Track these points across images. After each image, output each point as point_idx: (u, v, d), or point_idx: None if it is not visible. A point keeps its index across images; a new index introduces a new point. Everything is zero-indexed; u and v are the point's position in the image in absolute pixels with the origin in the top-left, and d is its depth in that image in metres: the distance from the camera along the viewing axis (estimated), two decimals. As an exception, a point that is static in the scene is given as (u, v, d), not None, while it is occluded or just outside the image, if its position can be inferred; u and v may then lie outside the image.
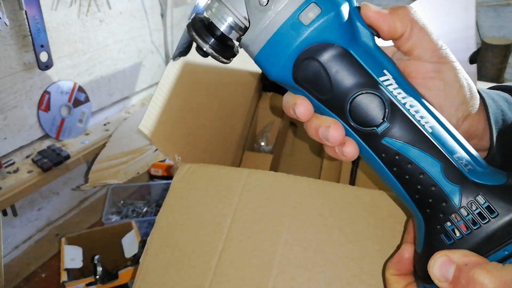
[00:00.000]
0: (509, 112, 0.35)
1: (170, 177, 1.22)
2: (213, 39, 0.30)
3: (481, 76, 1.57)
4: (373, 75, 0.28)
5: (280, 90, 0.81)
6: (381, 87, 0.28)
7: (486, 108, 0.33)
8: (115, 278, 0.83)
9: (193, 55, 0.54)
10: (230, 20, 0.29)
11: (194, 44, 0.33)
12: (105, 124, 1.16)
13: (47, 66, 0.93)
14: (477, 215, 0.26)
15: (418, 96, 0.29)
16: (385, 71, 0.28)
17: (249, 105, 0.75)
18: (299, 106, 0.30)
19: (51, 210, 1.07)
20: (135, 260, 0.87)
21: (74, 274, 0.86)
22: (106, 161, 0.94)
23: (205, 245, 0.42)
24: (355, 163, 0.61)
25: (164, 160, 1.13)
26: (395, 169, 0.28)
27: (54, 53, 0.96)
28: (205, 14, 0.31)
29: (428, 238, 0.28)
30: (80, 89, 1.06)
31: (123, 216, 1.11)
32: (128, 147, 0.96)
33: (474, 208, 0.26)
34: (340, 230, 0.40)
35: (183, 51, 0.52)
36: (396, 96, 0.28)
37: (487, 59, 1.69)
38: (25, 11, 0.85)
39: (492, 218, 0.26)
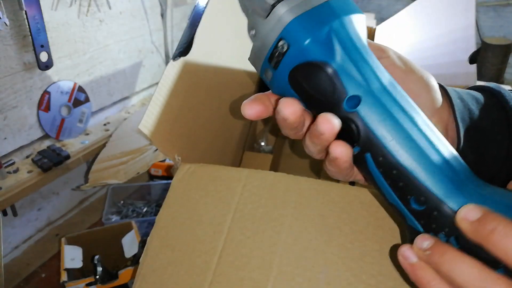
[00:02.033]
0: (477, 112, 0.35)
1: (170, 177, 1.22)
2: None
3: (481, 76, 1.57)
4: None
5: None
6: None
7: (453, 106, 0.34)
8: (115, 278, 0.83)
9: (193, 55, 0.54)
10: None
11: (195, 44, 0.34)
12: (105, 124, 1.16)
13: (47, 66, 0.93)
14: None
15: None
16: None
17: None
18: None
19: (51, 210, 1.07)
20: (135, 260, 0.87)
21: (74, 274, 0.86)
22: (106, 161, 0.94)
23: (205, 245, 0.42)
24: None
25: (164, 160, 1.13)
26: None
27: (54, 53, 0.96)
28: None
29: None
30: (80, 89, 1.06)
31: (123, 216, 1.11)
32: (128, 147, 0.96)
33: None
34: (340, 230, 0.40)
35: (183, 51, 0.52)
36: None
37: (487, 59, 1.70)
38: (25, 11, 0.85)
39: None
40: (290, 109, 0.29)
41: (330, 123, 0.28)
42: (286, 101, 0.29)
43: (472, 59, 0.67)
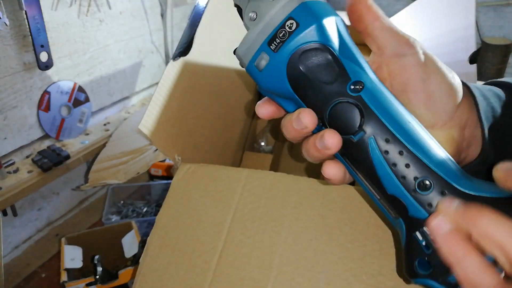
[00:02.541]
0: (499, 109, 0.35)
1: (170, 177, 1.22)
2: None
3: (481, 76, 1.57)
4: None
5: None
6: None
7: (477, 105, 0.33)
8: (115, 278, 0.83)
9: (193, 55, 0.54)
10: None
11: (195, 44, 0.34)
12: (105, 124, 1.16)
13: (47, 66, 0.93)
14: None
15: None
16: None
17: (249, 105, 0.75)
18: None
19: (51, 210, 1.07)
20: (135, 260, 0.87)
21: (74, 274, 0.86)
22: (106, 161, 0.94)
23: (205, 245, 0.42)
24: None
25: (164, 160, 1.13)
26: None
27: (54, 53, 0.96)
28: None
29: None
30: (80, 89, 1.06)
31: (123, 216, 1.11)
32: (128, 147, 0.96)
33: None
34: (340, 230, 0.40)
35: (183, 51, 0.52)
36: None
37: (487, 59, 1.70)
38: (25, 11, 0.85)
39: None
40: (311, 118, 0.30)
41: (337, 137, 0.29)
42: (306, 111, 0.30)
43: (472, 59, 0.67)
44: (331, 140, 0.29)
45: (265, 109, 0.34)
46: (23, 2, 0.84)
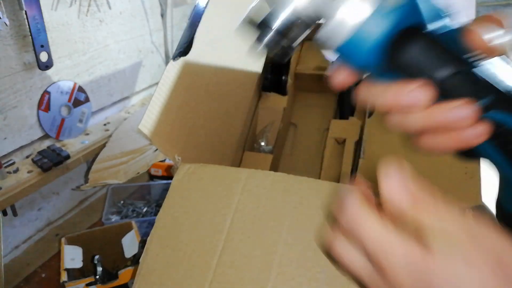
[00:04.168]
0: None
1: (170, 177, 1.22)
2: None
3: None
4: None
5: (280, 90, 0.81)
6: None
7: None
8: (115, 278, 0.83)
9: (193, 55, 0.54)
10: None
11: (195, 44, 0.33)
12: (105, 124, 1.16)
13: (47, 66, 0.93)
14: None
15: None
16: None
17: (249, 105, 0.75)
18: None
19: (51, 210, 1.07)
20: (135, 260, 0.87)
21: (74, 274, 0.86)
22: (106, 161, 0.94)
23: (205, 245, 0.42)
24: (355, 163, 0.61)
25: (164, 160, 1.13)
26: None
27: (54, 53, 0.96)
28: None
29: None
30: (80, 89, 1.06)
31: (123, 216, 1.11)
32: (128, 147, 0.96)
33: None
34: (340, 230, 0.40)
35: (183, 51, 0.52)
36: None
37: (487, 59, 1.69)
38: (25, 11, 0.85)
39: None
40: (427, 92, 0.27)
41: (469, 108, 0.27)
42: (422, 83, 0.28)
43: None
44: (464, 111, 0.27)
45: (341, 76, 0.31)
46: (23, 2, 0.84)
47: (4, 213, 0.90)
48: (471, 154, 0.31)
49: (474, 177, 0.48)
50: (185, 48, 0.53)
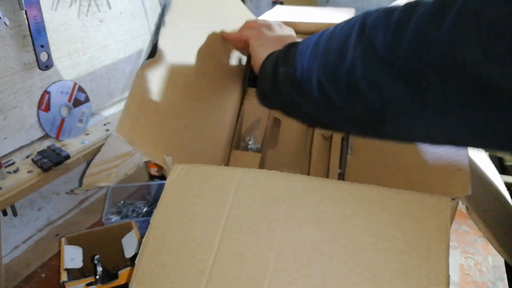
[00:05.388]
0: None
1: (170, 177, 1.21)
2: None
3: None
4: None
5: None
6: None
7: None
8: (115, 278, 0.83)
9: (169, 53, 0.54)
10: None
11: (168, 42, 0.33)
12: (105, 124, 1.16)
13: (47, 66, 0.93)
14: None
15: None
16: None
17: (235, 101, 0.73)
18: None
19: (51, 210, 1.07)
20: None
21: (74, 274, 0.86)
22: (100, 165, 0.94)
23: (200, 245, 0.42)
24: (343, 159, 0.61)
25: (164, 160, 1.13)
26: None
27: (54, 53, 0.96)
28: None
29: None
30: (80, 89, 1.06)
31: (123, 216, 1.11)
32: (122, 150, 0.96)
33: None
34: (335, 225, 0.40)
35: (152, 51, 0.53)
36: None
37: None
38: (25, 11, 0.85)
39: None
40: None
41: None
42: None
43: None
44: None
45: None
46: (23, 2, 0.84)
47: (4, 213, 0.90)
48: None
49: (462, 168, 0.48)
50: (153, 46, 0.53)
